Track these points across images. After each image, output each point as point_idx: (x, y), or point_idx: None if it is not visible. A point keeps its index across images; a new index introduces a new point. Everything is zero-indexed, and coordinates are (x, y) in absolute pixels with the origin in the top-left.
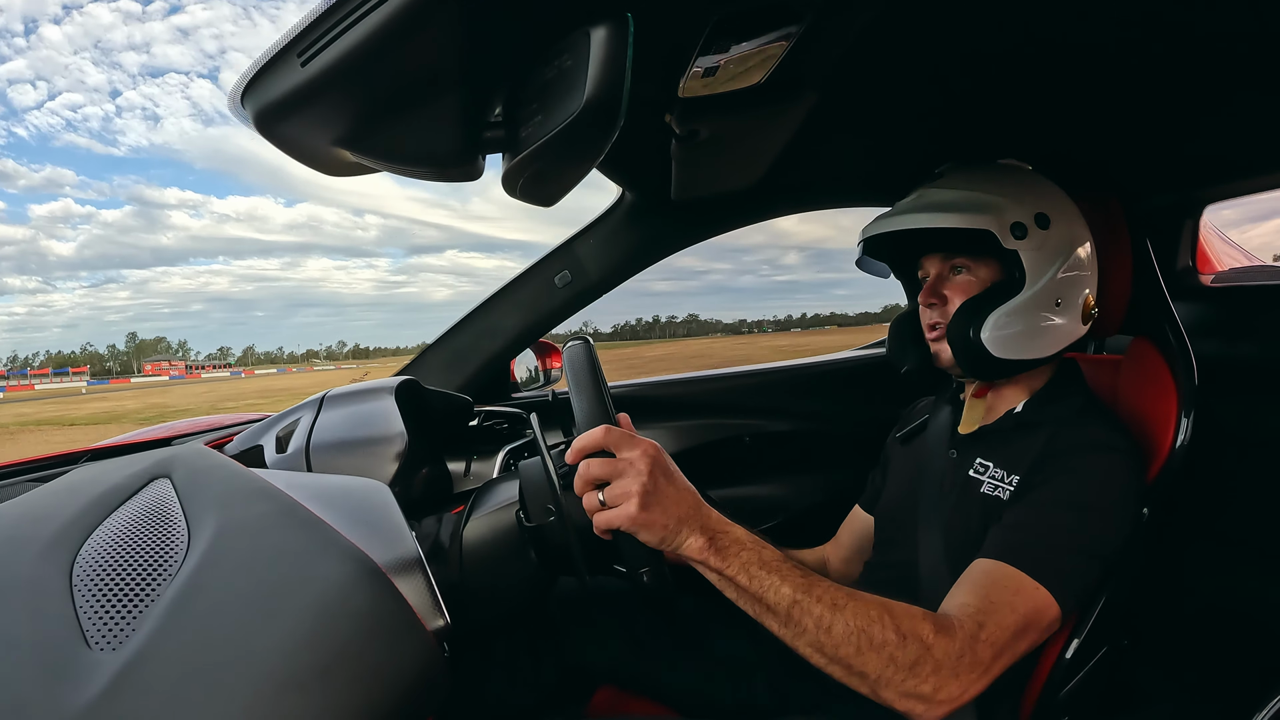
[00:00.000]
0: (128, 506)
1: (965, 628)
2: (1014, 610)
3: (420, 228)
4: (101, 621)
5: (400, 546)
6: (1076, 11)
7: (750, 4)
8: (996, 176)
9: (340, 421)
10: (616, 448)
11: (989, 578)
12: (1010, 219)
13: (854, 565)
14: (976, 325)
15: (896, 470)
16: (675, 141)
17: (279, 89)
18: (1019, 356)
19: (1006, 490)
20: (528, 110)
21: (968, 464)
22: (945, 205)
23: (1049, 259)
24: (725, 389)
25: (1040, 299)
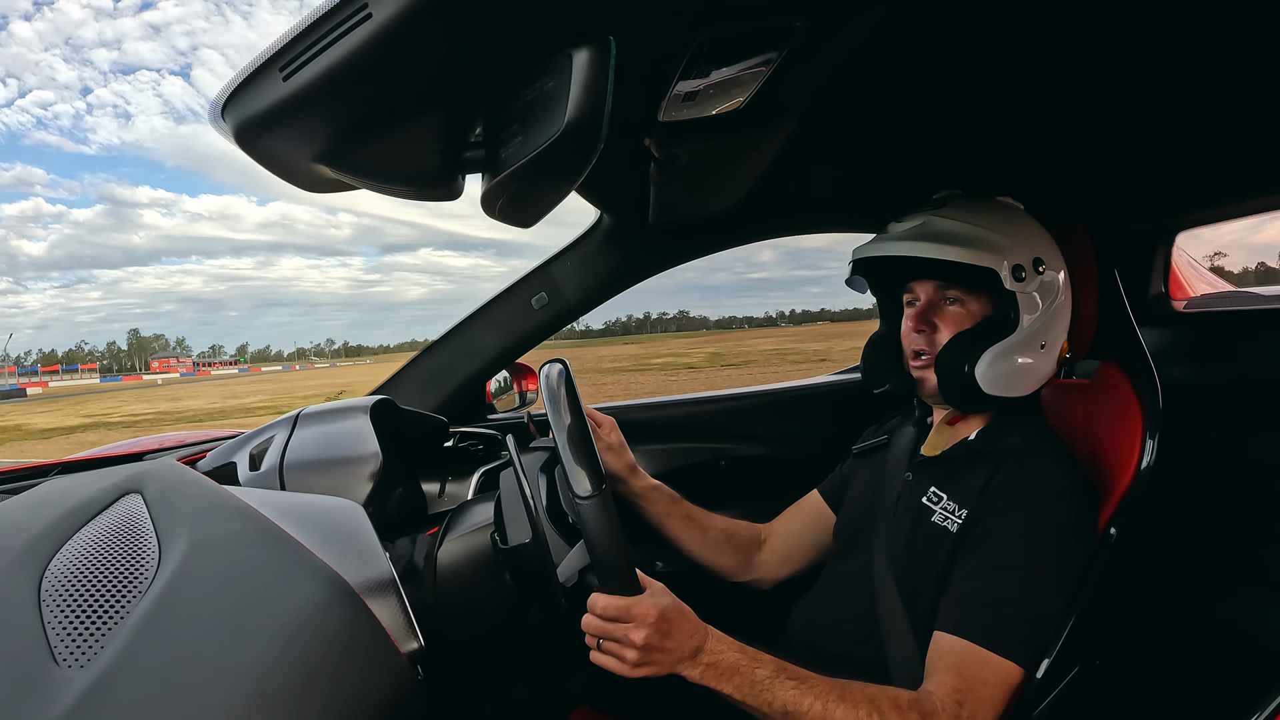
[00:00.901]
0: (98, 521)
1: (948, 709)
2: (987, 684)
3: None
4: (70, 638)
5: (374, 567)
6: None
7: (732, 29)
8: (997, 214)
9: (314, 440)
10: (624, 613)
11: (958, 657)
12: (1013, 260)
13: (795, 549)
14: (971, 360)
15: (857, 485)
16: (654, 165)
17: (260, 103)
18: (1004, 394)
19: (955, 523)
20: (508, 131)
21: (921, 490)
22: (952, 237)
23: (1039, 303)
24: (701, 413)
25: (1029, 341)
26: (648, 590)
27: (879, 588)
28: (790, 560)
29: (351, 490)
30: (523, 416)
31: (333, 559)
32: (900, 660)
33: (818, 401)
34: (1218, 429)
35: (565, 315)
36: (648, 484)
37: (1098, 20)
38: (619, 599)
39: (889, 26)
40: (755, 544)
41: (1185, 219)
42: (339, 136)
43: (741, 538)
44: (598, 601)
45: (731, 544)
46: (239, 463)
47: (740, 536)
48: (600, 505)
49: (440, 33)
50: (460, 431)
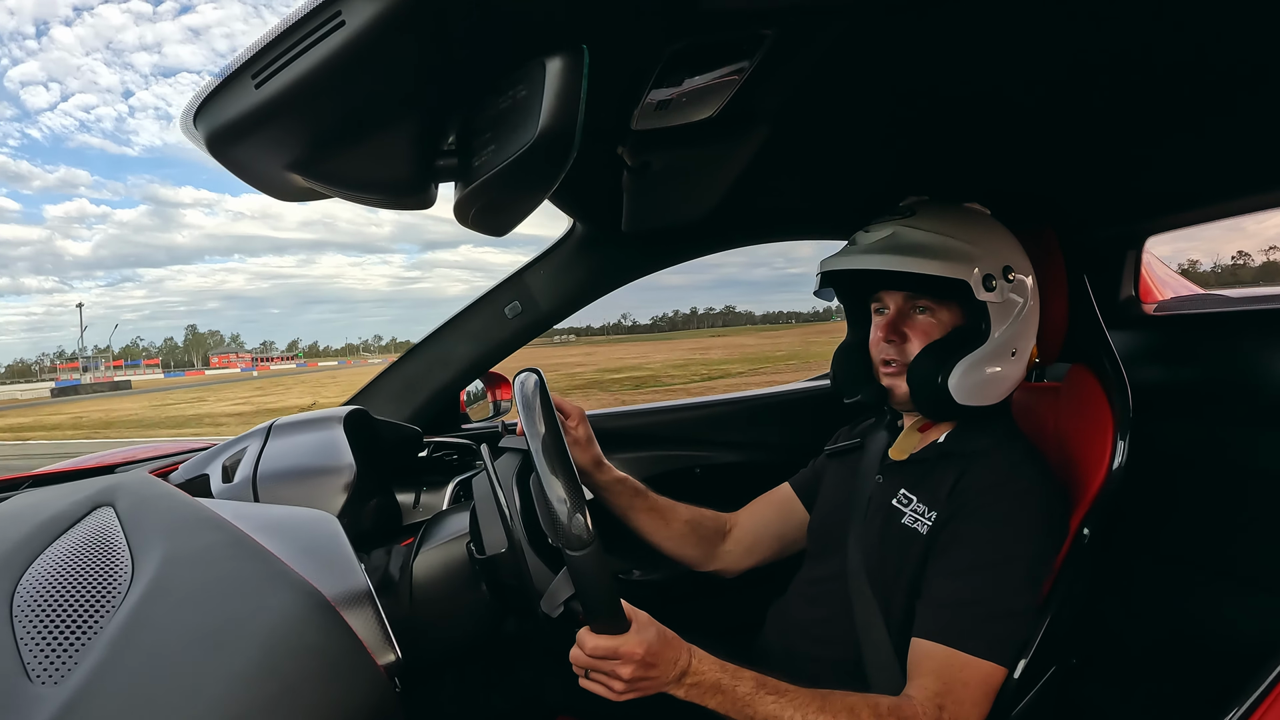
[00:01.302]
0: (70, 535)
1: (929, 713)
2: (967, 686)
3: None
4: (43, 654)
5: (349, 579)
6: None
7: (704, 39)
8: (967, 222)
9: (288, 451)
10: (612, 653)
11: (936, 662)
12: (983, 270)
13: (760, 539)
14: (944, 371)
15: (830, 486)
16: (627, 173)
17: (232, 111)
18: (977, 403)
19: (925, 525)
20: (481, 139)
21: (892, 493)
22: (922, 249)
23: (1010, 311)
24: (677, 420)
25: (1000, 350)
26: (634, 626)
27: (854, 590)
28: (754, 551)
29: (326, 502)
30: (497, 426)
31: (308, 571)
32: (877, 662)
33: (793, 408)
34: (1188, 429)
35: (539, 324)
36: (613, 476)
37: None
38: (607, 640)
39: (858, 35)
40: (720, 534)
41: (1155, 223)
42: (311, 145)
43: (707, 528)
44: (586, 642)
45: (696, 534)
46: (212, 475)
47: (705, 527)
48: (592, 557)
49: (414, 41)
50: (434, 441)
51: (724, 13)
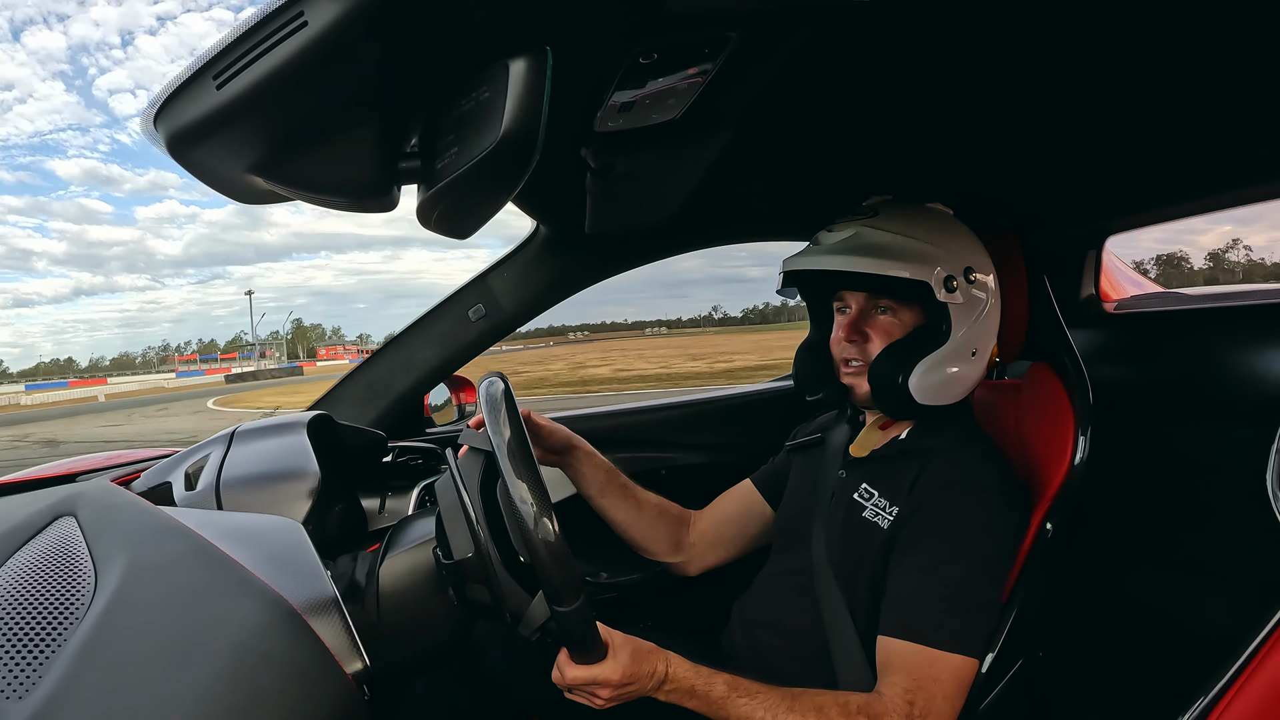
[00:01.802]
0: (31, 546)
1: (899, 709)
2: (937, 681)
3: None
4: (6, 669)
5: (315, 586)
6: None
7: (668, 41)
8: (929, 223)
9: (251, 457)
10: (591, 680)
11: (905, 659)
12: (945, 272)
13: (723, 534)
14: (905, 371)
15: (794, 482)
16: (590, 176)
17: (193, 112)
18: (936, 403)
19: (886, 519)
20: (444, 142)
21: (854, 487)
22: (884, 250)
23: (971, 312)
24: (639, 423)
25: (961, 350)
26: (610, 650)
27: (819, 584)
28: (717, 547)
29: (290, 508)
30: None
31: (273, 579)
32: (845, 655)
33: (759, 408)
34: (1149, 425)
35: (503, 327)
36: (585, 450)
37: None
38: (584, 670)
39: (821, 39)
40: (684, 525)
41: (1114, 223)
42: (273, 146)
43: (672, 518)
44: (566, 671)
45: (663, 521)
46: (174, 482)
47: (671, 516)
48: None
49: (376, 42)
50: (399, 446)
51: (688, 15)
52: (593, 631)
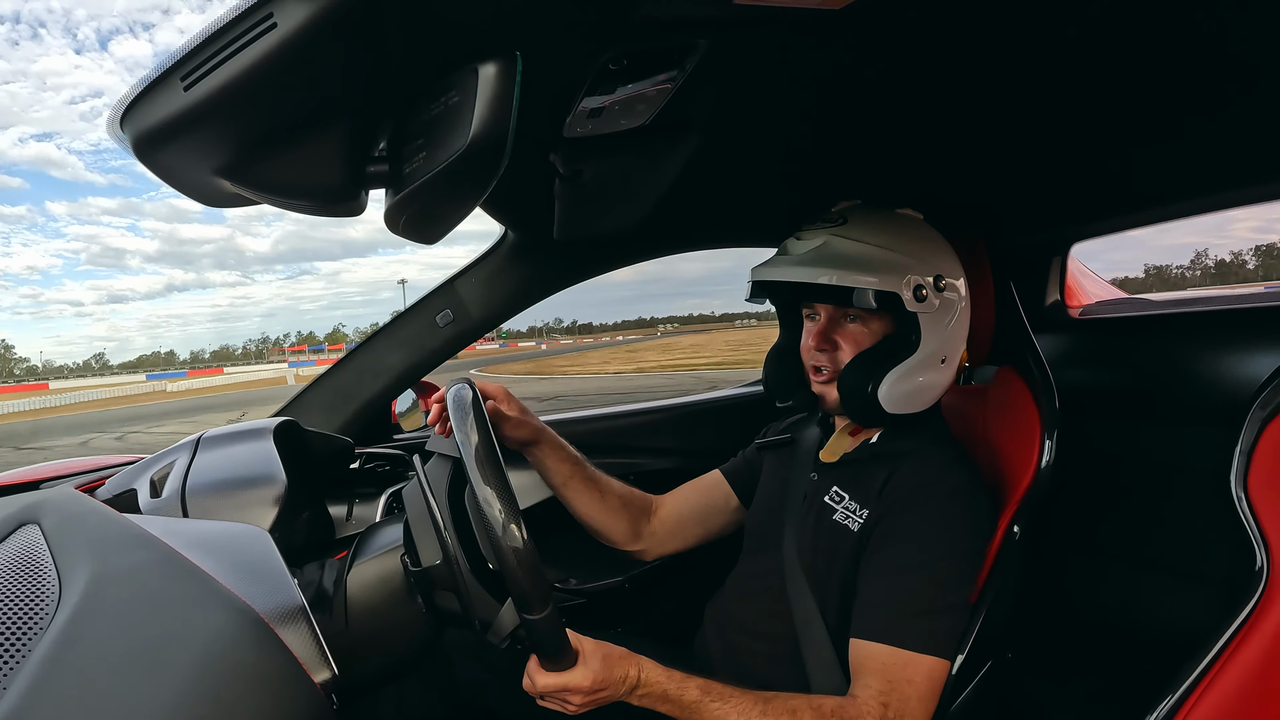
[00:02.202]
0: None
1: (873, 712)
2: (911, 682)
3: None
4: None
5: (283, 595)
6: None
7: (637, 47)
8: (899, 230)
9: (217, 464)
10: (562, 688)
11: (878, 661)
12: (914, 281)
13: (685, 522)
14: (875, 380)
15: (764, 484)
16: (559, 181)
17: (160, 113)
18: (906, 411)
19: (856, 522)
20: (413, 146)
21: (825, 490)
22: (853, 261)
23: (941, 320)
24: (607, 429)
25: (931, 358)
26: (580, 657)
27: (790, 585)
28: (677, 535)
29: (256, 516)
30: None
31: (240, 588)
32: (815, 656)
33: (726, 414)
34: (1114, 428)
35: (470, 332)
36: (552, 442)
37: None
38: (555, 678)
39: (791, 45)
40: (646, 512)
41: (1079, 230)
42: (240, 149)
43: (636, 505)
44: (536, 679)
45: (627, 510)
46: (140, 489)
47: (635, 504)
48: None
49: (346, 45)
50: (366, 452)
51: (658, 22)
52: (563, 639)
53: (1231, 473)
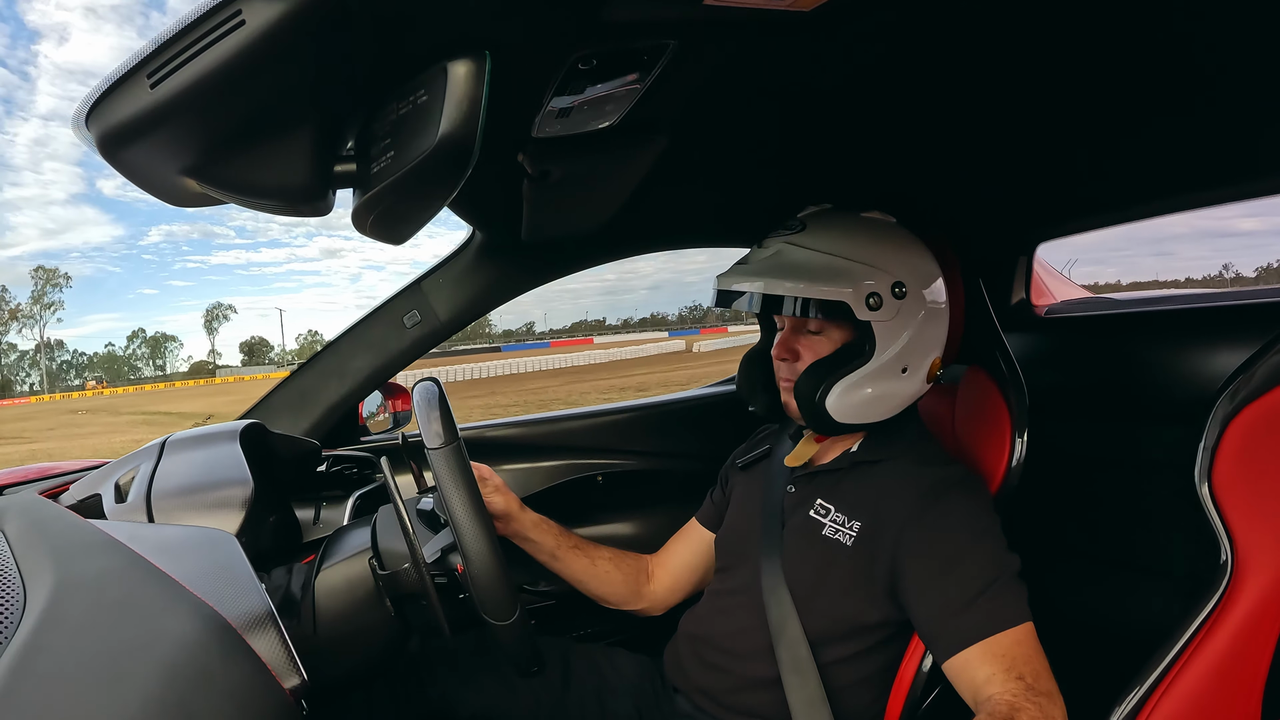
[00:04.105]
0: None
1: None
2: (1020, 644)
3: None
4: None
5: (250, 600)
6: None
7: (607, 47)
8: (857, 236)
9: (182, 468)
10: None
11: (987, 654)
12: (867, 289)
13: (679, 577)
14: (824, 389)
15: (738, 498)
16: (527, 181)
17: (126, 111)
18: (861, 421)
19: (848, 535)
20: (380, 145)
21: (808, 504)
22: (803, 270)
23: (900, 328)
24: (575, 429)
25: (887, 367)
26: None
27: (770, 600)
28: (677, 589)
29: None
30: (396, 438)
31: (207, 593)
32: (794, 672)
33: (690, 414)
34: (1082, 426)
35: (438, 333)
36: (534, 518)
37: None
38: None
39: (758, 46)
40: (643, 574)
41: (1045, 230)
42: (207, 148)
43: (628, 567)
44: None
45: (619, 573)
46: (104, 494)
47: (627, 566)
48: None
49: (314, 43)
50: (333, 455)
51: (627, 23)
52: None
53: (1196, 468)
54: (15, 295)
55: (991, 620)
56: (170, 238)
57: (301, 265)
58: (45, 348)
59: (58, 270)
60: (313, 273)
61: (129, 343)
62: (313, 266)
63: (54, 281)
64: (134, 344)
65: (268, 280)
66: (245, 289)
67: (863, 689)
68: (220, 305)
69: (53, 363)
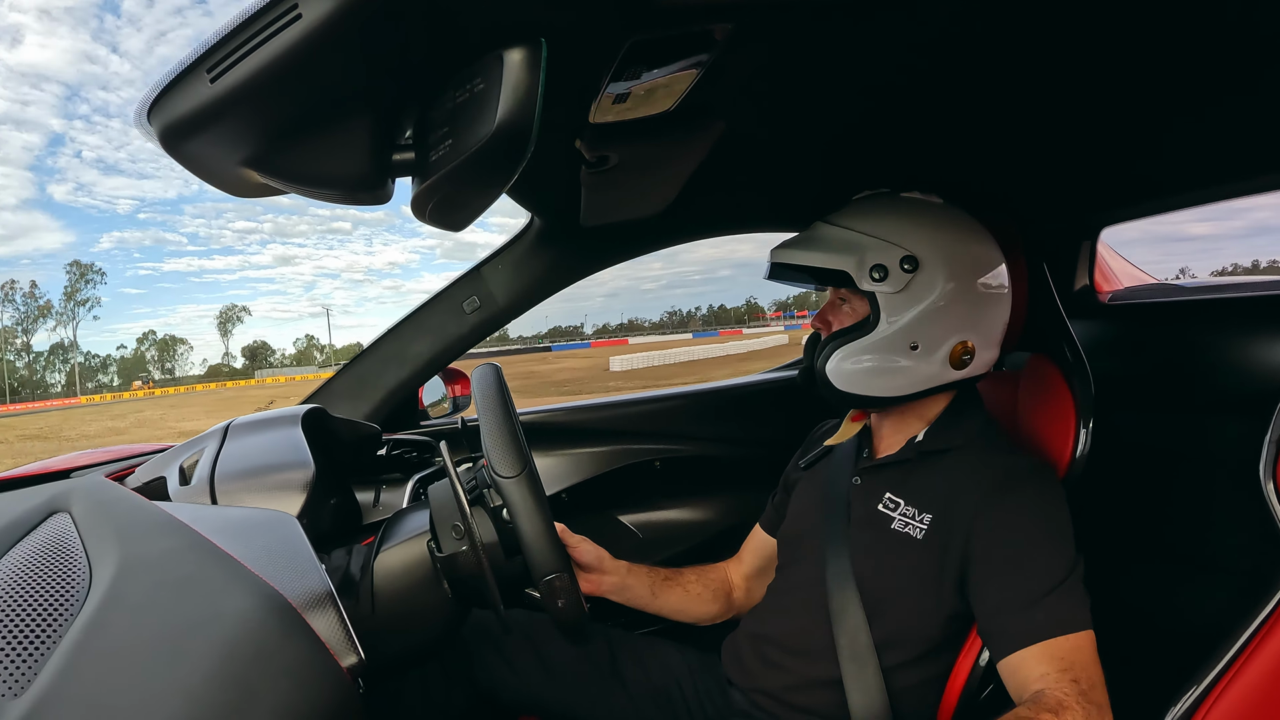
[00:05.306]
0: (25, 543)
1: (1069, 693)
2: (1080, 651)
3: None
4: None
5: (310, 580)
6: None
7: (663, 32)
8: (882, 212)
9: (245, 451)
10: None
11: (1051, 656)
12: (873, 260)
13: (755, 584)
14: (825, 353)
15: (800, 494)
16: (585, 167)
17: (186, 105)
18: (863, 393)
19: (919, 529)
20: (438, 134)
21: (876, 497)
22: (818, 243)
23: (908, 303)
24: (632, 414)
25: (892, 341)
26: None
27: (835, 599)
28: (753, 595)
29: (284, 502)
30: (456, 422)
31: (268, 573)
32: (852, 660)
33: (746, 400)
34: (1142, 417)
35: (497, 319)
36: (623, 564)
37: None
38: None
39: (816, 29)
40: (726, 584)
41: (1109, 214)
42: (266, 139)
43: (714, 581)
44: None
45: (709, 590)
46: (169, 477)
47: (713, 581)
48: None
49: (370, 34)
50: (393, 439)
51: (683, 7)
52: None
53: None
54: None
55: (1055, 623)
56: (122, 244)
57: (255, 272)
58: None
59: (93, 265)
60: (267, 280)
61: (139, 344)
62: (267, 274)
63: (88, 277)
64: (144, 346)
65: (221, 288)
66: (199, 296)
67: (923, 689)
68: (234, 307)
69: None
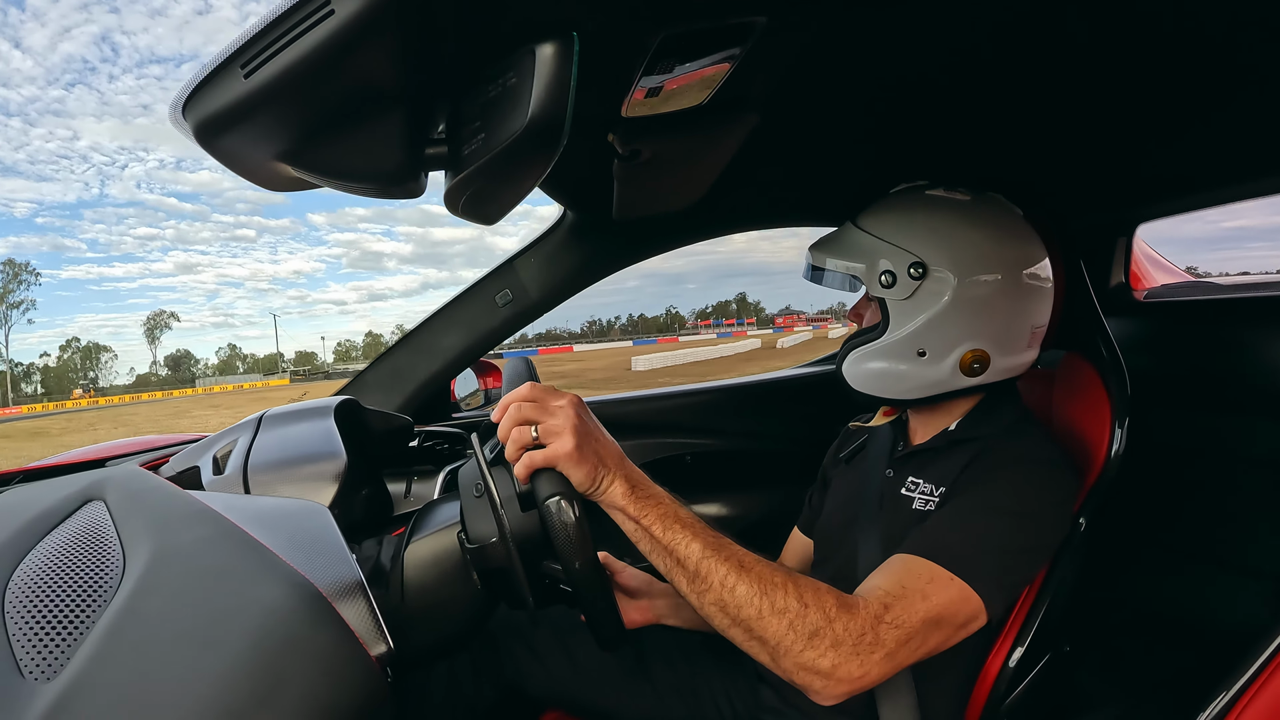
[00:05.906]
0: (60, 530)
1: (870, 608)
2: (925, 598)
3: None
4: (36, 650)
5: (341, 570)
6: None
7: (695, 25)
8: (898, 215)
9: (278, 442)
10: (544, 397)
11: (904, 566)
12: (883, 266)
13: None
14: (842, 352)
15: (836, 490)
16: (617, 161)
17: (221, 101)
18: (875, 393)
19: (931, 501)
20: (471, 128)
21: (901, 483)
22: (838, 247)
23: (915, 309)
24: (663, 409)
25: (900, 345)
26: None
27: (861, 575)
28: None
29: (317, 492)
30: (487, 414)
31: (299, 563)
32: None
33: (778, 395)
34: (1178, 416)
35: (529, 312)
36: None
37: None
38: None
39: (849, 22)
40: None
41: (1146, 210)
42: (300, 134)
43: None
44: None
45: None
46: (203, 467)
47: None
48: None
49: (403, 29)
50: (425, 431)
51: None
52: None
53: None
54: None
55: (951, 559)
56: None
57: (156, 281)
58: None
59: (28, 265)
60: (168, 289)
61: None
62: (168, 282)
63: (21, 277)
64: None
65: (121, 296)
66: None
67: (952, 688)
68: (163, 313)
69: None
